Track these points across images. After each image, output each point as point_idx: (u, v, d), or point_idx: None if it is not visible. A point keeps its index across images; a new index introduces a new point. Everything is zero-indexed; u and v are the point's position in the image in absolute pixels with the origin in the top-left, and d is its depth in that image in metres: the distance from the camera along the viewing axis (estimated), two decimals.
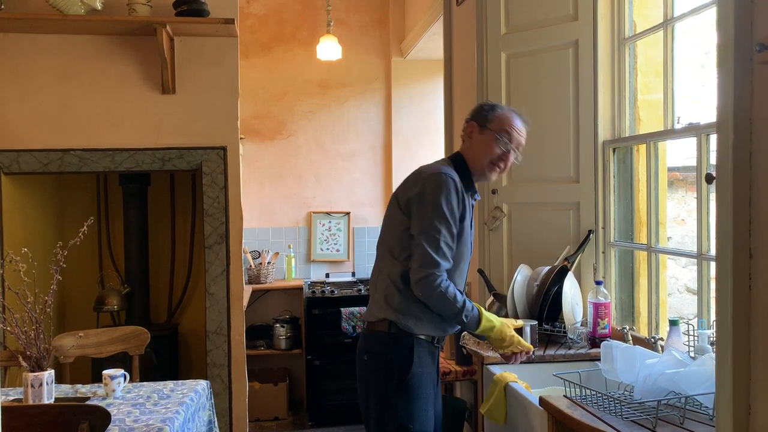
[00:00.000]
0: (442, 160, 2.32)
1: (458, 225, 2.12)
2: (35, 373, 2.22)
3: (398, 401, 2.13)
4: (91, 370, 3.58)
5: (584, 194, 2.92)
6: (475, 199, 2.29)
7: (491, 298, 3.05)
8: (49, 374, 2.24)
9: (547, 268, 2.84)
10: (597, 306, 2.67)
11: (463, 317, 2.11)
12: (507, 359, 2.25)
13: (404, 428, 2.12)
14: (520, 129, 2.24)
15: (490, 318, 2.17)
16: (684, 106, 2.58)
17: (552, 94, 3.00)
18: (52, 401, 2.25)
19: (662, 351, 2.24)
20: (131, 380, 2.76)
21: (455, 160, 2.25)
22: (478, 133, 2.22)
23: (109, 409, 1.93)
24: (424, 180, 2.14)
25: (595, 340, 2.65)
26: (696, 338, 2.11)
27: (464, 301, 2.11)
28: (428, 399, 2.17)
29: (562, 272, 2.77)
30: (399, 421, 2.13)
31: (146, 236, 3.96)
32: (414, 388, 2.13)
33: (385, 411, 2.15)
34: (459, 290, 2.15)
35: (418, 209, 2.11)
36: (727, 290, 1.25)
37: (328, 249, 5.10)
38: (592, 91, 2.88)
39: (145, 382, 2.64)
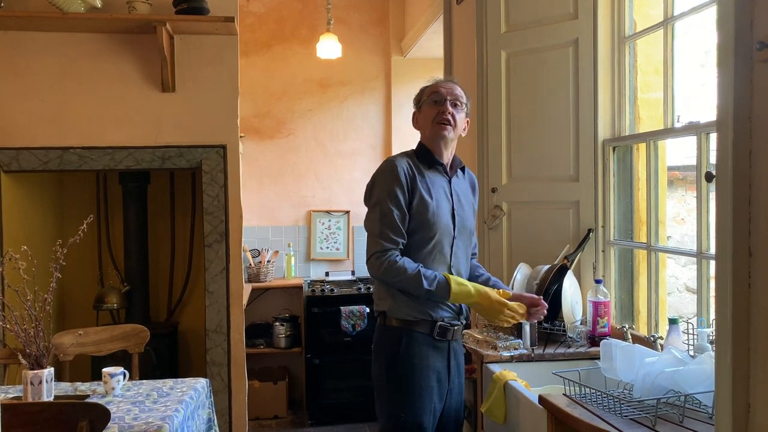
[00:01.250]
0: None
1: (406, 204, 2.16)
2: (35, 371, 2.22)
3: (388, 389, 2.18)
4: (91, 368, 3.59)
5: (584, 193, 2.92)
6: (451, 173, 2.30)
7: None
8: (48, 372, 2.24)
9: (547, 266, 2.84)
10: (596, 305, 2.67)
11: (425, 285, 2.09)
12: (530, 317, 2.25)
13: (394, 416, 2.14)
14: (444, 84, 2.29)
15: (461, 281, 2.15)
16: (684, 105, 2.58)
17: (552, 93, 2.99)
18: (51, 399, 2.25)
19: (662, 349, 2.25)
20: (131, 378, 2.76)
21: (417, 146, 2.33)
22: (419, 113, 2.33)
23: (108, 407, 1.93)
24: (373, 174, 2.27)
25: (594, 339, 2.65)
26: (695, 337, 2.11)
27: (418, 269, 2.11)
28: (423, 390, 2.15)
29: (561, 271, 2.77)
30: (389, 409, 2.16)
31: (146, 235, 3.95)
32: (403, 376, 2.14)
33: (378, 399, 2.22)
34: (420, 264, 2.13)
35: (366, 201, 2.28)
36: (727, 289, 1.25)
37: (327, 248, 5.09)
38: (592, 90, 2.88)
39: (144, 380, 2.64)
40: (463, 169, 2.38)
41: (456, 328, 2.24)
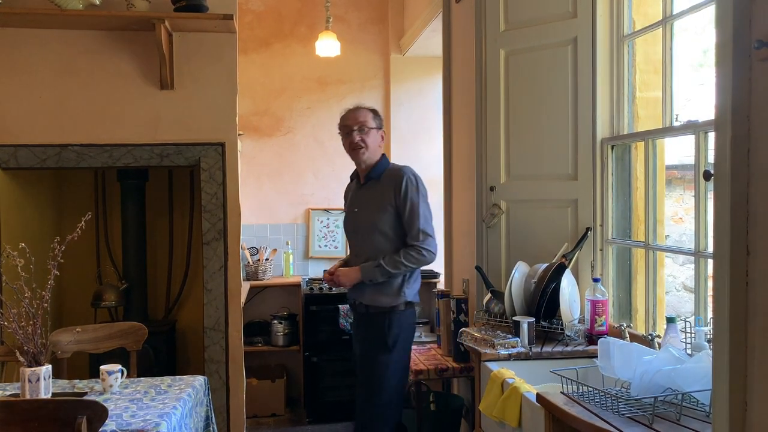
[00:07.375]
0: None
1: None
2: (32, 368, 2.22)
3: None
4: (89, 365, 3.59)
5: (582, 191, 2.92)
6: (366, 183, 2.96)
7: (489, 294, 3.06)
8: (46, 369, 2.24)
9: (545, 265, 2.84)
10: (594, 303, 2.68)
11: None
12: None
13: None
14: (348, 115, 2.92)
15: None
16: (682, 104, 2.58)
17: (551, 91, 2.99)
18: (49, 396, 2.25)
19: (659, 348, 2.25)
20: (129, 376, 2.76)
21: None
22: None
23: (106, 405, 1.93)
24: None
25: (592, 337, 2.66)
26: (693, 335, 2.12)
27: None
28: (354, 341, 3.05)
29: (559, 269, 2.78)
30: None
31: (144, 232, 3.95)
32: None
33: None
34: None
35: None
36: (725, 287, 1.25)
37: (326, 246, 5.09)
38: (590, 89, 2.88)
39: (142, 378, 2.64)
40: (381, 175, 2.90)
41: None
